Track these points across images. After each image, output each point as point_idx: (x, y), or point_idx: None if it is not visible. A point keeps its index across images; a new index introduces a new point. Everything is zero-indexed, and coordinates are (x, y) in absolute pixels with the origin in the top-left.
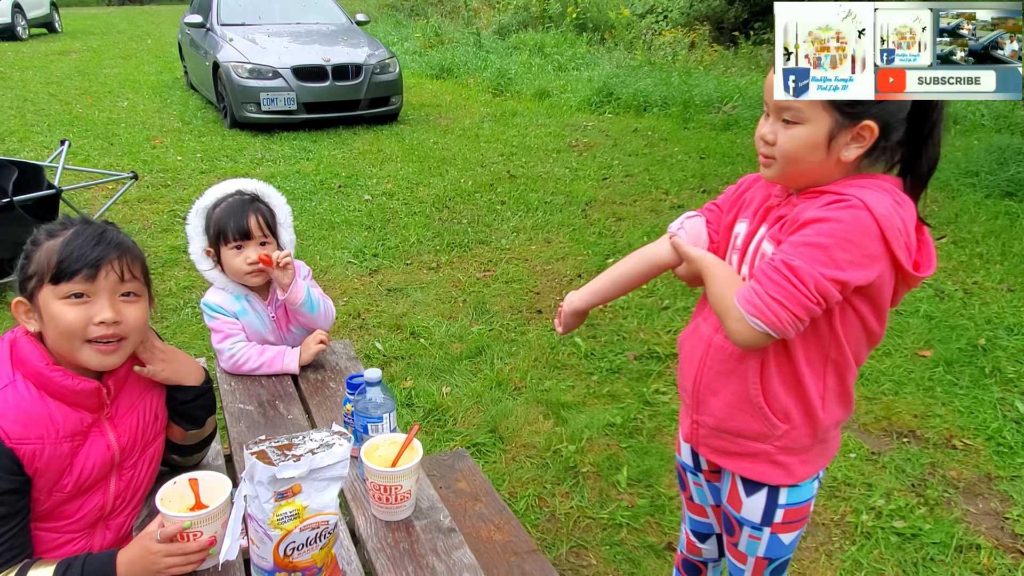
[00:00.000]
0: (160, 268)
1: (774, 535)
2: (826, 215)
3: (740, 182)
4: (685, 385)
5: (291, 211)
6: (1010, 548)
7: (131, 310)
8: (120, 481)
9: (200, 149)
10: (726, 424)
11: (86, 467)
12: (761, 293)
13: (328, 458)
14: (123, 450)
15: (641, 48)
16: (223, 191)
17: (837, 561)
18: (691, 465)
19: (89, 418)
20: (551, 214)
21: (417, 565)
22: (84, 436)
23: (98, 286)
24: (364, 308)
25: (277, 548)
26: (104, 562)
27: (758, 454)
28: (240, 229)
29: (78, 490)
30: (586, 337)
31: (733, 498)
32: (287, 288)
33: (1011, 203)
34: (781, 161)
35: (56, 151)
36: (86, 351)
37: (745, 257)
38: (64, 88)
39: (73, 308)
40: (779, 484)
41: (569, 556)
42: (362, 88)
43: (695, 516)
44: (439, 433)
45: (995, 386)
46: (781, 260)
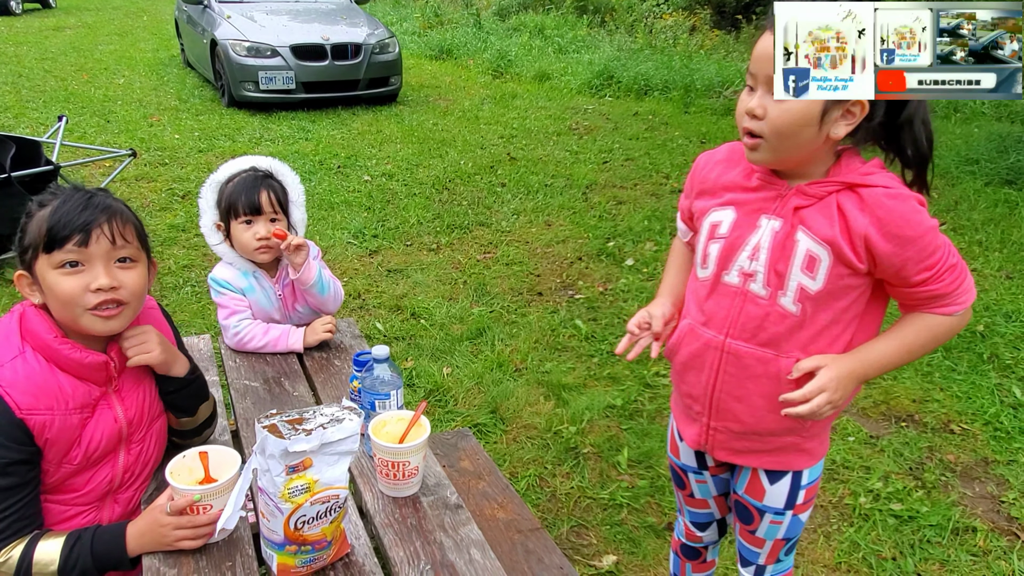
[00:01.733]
0: (159, 247)
1: (795, 516)
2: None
3: (695, 164)
4: (693, 393)
5: (304, 191)
6: (1005, 531)
7: (128, 276)
8: (129, 455)
9: (198, 128)
10: (755, 427)
11: (94, 439)
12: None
13: (339, 433)
14: (130, 423)
15: (642, 31)
16: (238, 167)
17: (835, 542)
18: (693, 466)
19: (97, 391)
20: (551, 197)
21: (425, 540)
22: (92, 409)
23: (91, 252)
24: (364, 289)
25: (288, 521)
26: (114, 534)
27: (786, 447)
28: (251, 204)
29: (87, 463)
30: (587, 320)
31: (754, 489)
32: (300, 268)
33: (1010, 191)
34: (772, 138)
35: (53, 127)
36: (87, 318)
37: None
38: (59, 64)
39: (69, 277)
40: (803, 468)
41: (570, 535)
42: (361, 68)
43: (695, 509)
44: (440, 414)
45: (993, 372)
46: (945, 267)
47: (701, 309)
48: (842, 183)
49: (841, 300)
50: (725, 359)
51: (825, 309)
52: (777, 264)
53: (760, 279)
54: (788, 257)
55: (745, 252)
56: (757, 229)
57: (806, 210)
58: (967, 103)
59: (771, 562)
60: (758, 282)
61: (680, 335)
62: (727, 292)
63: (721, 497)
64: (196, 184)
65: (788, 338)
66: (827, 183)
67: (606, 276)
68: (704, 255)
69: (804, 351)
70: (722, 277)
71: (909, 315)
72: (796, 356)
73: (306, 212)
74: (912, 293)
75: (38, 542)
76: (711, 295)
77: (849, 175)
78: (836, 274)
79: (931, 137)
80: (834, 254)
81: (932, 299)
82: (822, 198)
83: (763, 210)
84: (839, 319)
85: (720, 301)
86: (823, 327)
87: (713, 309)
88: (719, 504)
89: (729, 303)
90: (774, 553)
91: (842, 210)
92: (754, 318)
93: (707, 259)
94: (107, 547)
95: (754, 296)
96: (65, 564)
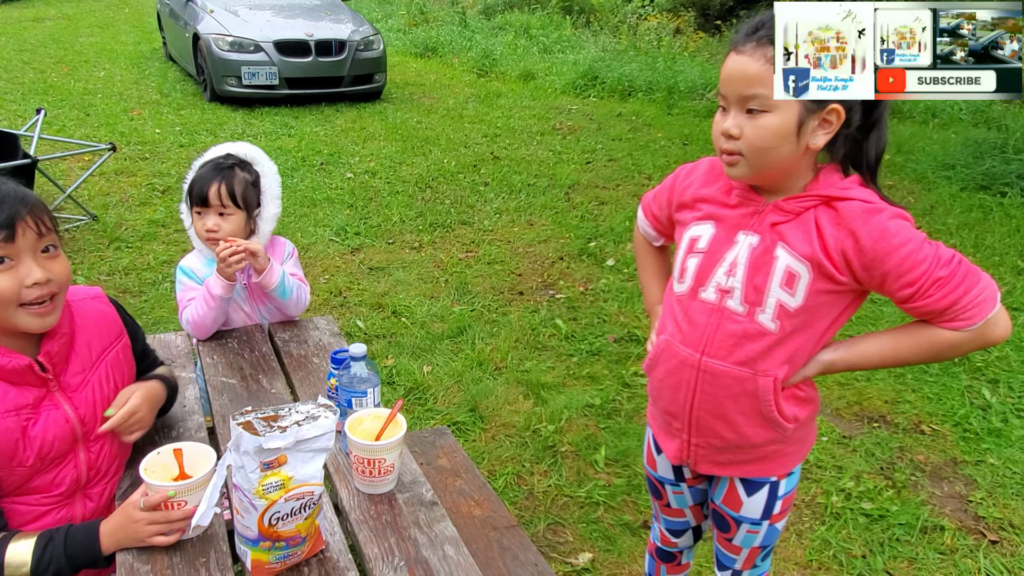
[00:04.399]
0: (138, 242)
1: (771, 525)
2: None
3: (675, 176)
4: (672, 410)
5: (281, 181)
6: (972, 530)
7: (56, 265)
8: (89, 453)
9: (179, 122)
10: (737, 441)
11: (46, 440)
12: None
13: (314, 430)
14: (83, 422)
15: (626, 32)
16: (224, 150)
17: (807, 540)
18: (670, 478)
19: (34, 392)
20: (534, 196)
21: (399, 537)
22: (34, 409)
23: (18, 247)
24: (346, 286)
25: (262, 518)
26: (87, 532)
27: (766, 456)
28: (200, 195)
29: (43, 463)
30: (567, 319)
31: (731, 500)
32: (261, 272)
33: (985, 196)
34: (750, 156)
35: (31, 120)
36: (22, 316)
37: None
38: (38, 56)
39: (1, 276)
40: (780, 476)
41: (546, 533)
42: (345, 65)
43: (671, 518)
44: (420, 411)
45: (963, 374)
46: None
47: (678, 326)
48: (819, 197)
49: (821, 317)
50: (701, 378)
51: (804, 327)
52: (755, 279)
53: (737, 295)
54: (767, 273)
55: (722, 268)
56: (734, 245)
57: (784, 226)
58: (945, 109)
59: (748, 567)
60: (735, 299)
61: (657, 351)
62: (703, 309)
63: (697, 506)
64: (177, 179)
65: (765, 356)
66: (804, 198)
67: (587, 276)
68: (682, 269)
69: (781, 369)
70: (699, 293)
71: (916, 323)
72: (773, 375)
73: (286, 209)
74: (908, 310)
75: (8, 544)
76: (687, 311)
77: (827, 189)
78: (816, 289)
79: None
80: (815, 270)
81: (929, 315)
82: (799, 214)
83: (741, 226)
84: (819, 337)
85: (696, 318)
86: (800, 345)
87: (689, 326)
88: (695, 512)
89: (706, 320)
90: (751, 559)
91: (819, 226)
92: (731, 335)
93: (684, 273)
94: (80, 546)
95: (731, 313)
96: (38, 565)
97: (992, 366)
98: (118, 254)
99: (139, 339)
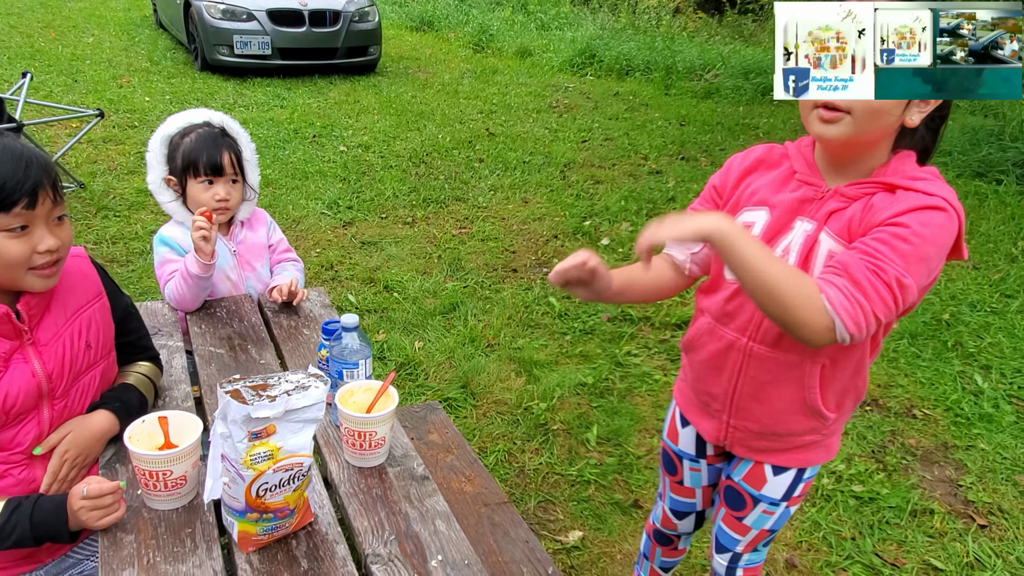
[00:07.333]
0: (126, 211)
1: (787, 507)
2: (925, 220)
3: (727, 167)
4: (712, 391)
5: (255, 148)
6: (961, 513)
7: (64, 232)
8: (52, 410)
9: (169, 91)
10: (775, 428)
11: (11, 394)
12: (858, 296)
13: (304, 400)
14: (50, 378)
15: (625, 10)
16: (188, 119)
17: (797, 522)
18: (691, 453)
19: (5, 344)
20: (529, 174)
21: (390, 511)
22: (4, 362)
23: (36, 214)
24: (337, 260)
25: (249, 488)
26: (56, 505)
27: (806, 445)
28: (213, 164)
29: (7, 418)
30: (560, 297)
31: (754, 477)
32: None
33: (981, 183)
34: (860, 115)
35: (17, 84)
36: (30, 278)
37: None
38: (25, 20)
39: (16, 241)
40: (818, 464)
41: (537, 510)
42: (340, 36)
43: (679, 497)
44: (411, 387)
45: (956, 359)
46: (879, 266)
47: (723, 308)
48: (881, 184)
49: None
50: (747, 362)
51: None
52: (803, 265)
53: None
54: (812, 259)
55: (791, 255)
56: (790, 231)
57: (838, 212)
58: None
59: (748, 551)
60: None
61: (697, 332)
62: None
63: (709, 488)
64: None
65: None
66: (867, 184)
67: None
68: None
69: (827, 354)
70: None
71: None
72: (822, 361)
73: (277, 182)
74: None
75: None
76: (735, 295)
77: (894, 177)
78: None
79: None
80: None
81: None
82: (858, 199)
83: (799, 212)
84: None
85: (744, 303)
86: None
87: (736, 310)
88: (705, 494)
89: (753, 305)
90: (754, 543)
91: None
92: None
93: None
94: (47, 516)
95: None
96: (1, 530)
97: (984, 352)
98: (105, 223)
99: (120, 307)
